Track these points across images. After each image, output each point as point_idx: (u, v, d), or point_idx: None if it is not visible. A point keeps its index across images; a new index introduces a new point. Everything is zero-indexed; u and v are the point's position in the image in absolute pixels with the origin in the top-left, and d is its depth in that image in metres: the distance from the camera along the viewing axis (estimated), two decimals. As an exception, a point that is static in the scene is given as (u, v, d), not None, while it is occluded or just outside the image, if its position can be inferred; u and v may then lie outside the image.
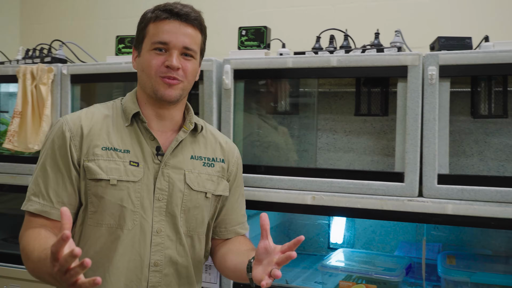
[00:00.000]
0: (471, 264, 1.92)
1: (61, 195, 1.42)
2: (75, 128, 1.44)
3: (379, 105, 1.93)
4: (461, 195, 1.71)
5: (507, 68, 1.66)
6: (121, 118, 1.50)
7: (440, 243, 2.22)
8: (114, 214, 1.41)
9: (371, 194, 1.80)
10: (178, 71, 1.43)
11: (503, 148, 1.97)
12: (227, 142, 1.66)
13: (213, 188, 1.55)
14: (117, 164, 1.43)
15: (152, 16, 1.46)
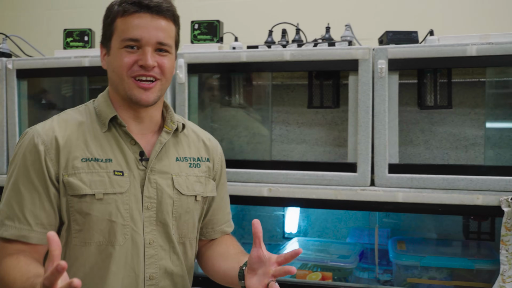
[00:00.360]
0: (420, 248, 2.01)
1: (39, 216, 1.28)
2: (49, 139, 1.30)
3: (331, 98, 1.98)
4: (411, 183, 1.78)
5: (451, 61, 1.74)
6: (97, 123, 1.36)
7: (389, 228, 2.30)
8: (103, 230, 1.29)
9: (325, 185, 1.85)
10: (154, 69, 1.31)
11: (447, 137, 2.06)
12: (210, 139, 1.56)
13: (202, 190, 1.46)
14: (101, 176, 1.30)
15: (120, 10, 1.31)
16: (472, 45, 1.71)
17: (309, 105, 2.00)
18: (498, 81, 1.91)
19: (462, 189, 1.74)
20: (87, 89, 2.19)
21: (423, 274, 1.90)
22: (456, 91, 2.02)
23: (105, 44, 1.37)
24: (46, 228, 1.28)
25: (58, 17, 2.95)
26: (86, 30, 2.18)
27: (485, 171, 1.73)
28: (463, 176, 1.74)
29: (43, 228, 1.28)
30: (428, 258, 1.90)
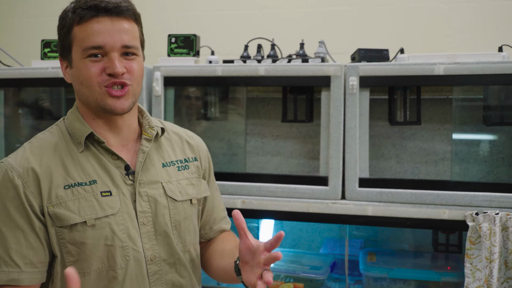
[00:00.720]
0: (390, 260, 2.05)
1: (27, 256, 1.18)
2: (25, 171, 1.19)
3: (304, 112, 2.02)
4: (380, 197, 1.83)
5: (419, 80, 1.79)
6: (72, 144, 1.26)
7: (362, 239, 2.34)
8: (101, 256, 1.21)
9: (297, 198, 1.89)
10: (124, 75, 1.20)
11: (418, 151, 2.11)
12: (192, 137, 1.48)
13: (196, 192, 1.39)
14: (88, 200, 1.21)
15: (75, 18, 1.20)
16: (439, 65, 1.76)
17: (283, 119, 2.04)
18: (464, 98, 1.96)
19: (429, 204, 1.79)
20: (64, 99, 2.19)
21: (391, 286, 1.94)
22: (426, 107, 2.07)
23: (64, 57, 1.26)
24: (37, 266, 1.20)
25: (37, 25, 2.93)
26: (64, 41, 2.19)
27: (451, 186, 1.79)
28: (430, 191, 1.79)
29: (33, 268, 1.19)
30: (397, 270, 1.94)
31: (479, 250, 1.72)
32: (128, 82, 1.21)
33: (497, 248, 1.69)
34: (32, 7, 3.00)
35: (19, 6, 3.02)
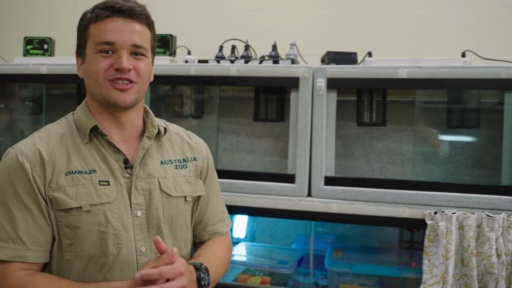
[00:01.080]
0: (355, 256, 2.07)
1: (34, 235, 1.23)
2: (33, 156, 1.25)
3: (275, 112, 2.03)
4: (344, 195, 1.85)
5: (384, 83, 1.81)
6: (78, 135, 1.30)
7: (335, 235, 2.37)
8: (94, 242, 1.24)
9: (266, 194, 1.91)
10: (130, 72, 1.25)
11: (385, 152, 2.13)
12: (192, 138, 1.50)
13: (191, 190, 1.40)
14: (86, 188, 1.25)
15: (92, 16, 1.26)
16: (403, 68, 1.78)
17: (254, 117, 2.06)
18: (428, 101, 1.98)
19: (390, 202, 1.82)
20: (45, 95, 2.21)
21: (354, 281, 1.96)
22: (394, 109, 2.09)
23: (80, 53, 1.32)
24: (42, 245, 1.24)
25: (21, 22, 2.93)
26: (46, 38, 2.21)
27: (412, 185, 1.81)
28: (392, 190, 1.81)
29: (39, 246, 1.24)
30: (359, 265, 1.96)
31: (436, 247, 1.75)
32: (134, 80, 1.26)
33: (453, 246, 1.72)
34: (14, 5, 3.00)
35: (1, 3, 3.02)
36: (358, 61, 1.96)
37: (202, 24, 2.68)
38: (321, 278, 2.13)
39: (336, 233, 2.37)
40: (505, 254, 1.69)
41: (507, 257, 1.69)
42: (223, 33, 2.32)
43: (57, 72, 2.07)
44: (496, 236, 1.68)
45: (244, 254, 2.24)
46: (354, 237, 2.34)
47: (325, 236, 2.36)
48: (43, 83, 2.15)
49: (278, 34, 2.33)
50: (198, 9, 2.73)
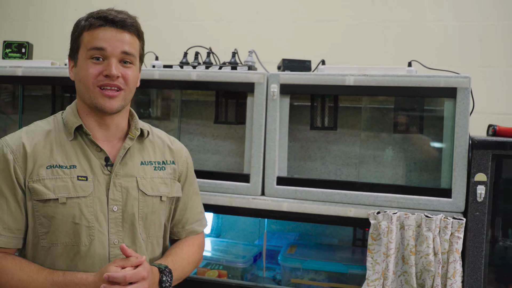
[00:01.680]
0: (307, 252, 2.08)
1: (6, 221, 1.27)
2: (17, 149, 1.29)
3: (234, 115, 2.05)
4: (295, 194, 1.87)
5: (332, 89, 1.83)
6: (64, 133, 1.35)
7: (298, 233, 2.38)
8: (68, 232, 1.28)
9: (222, 193, 1.93)
10: (118, 79, 1.30)
11: (340, 155, 2.14)
12: (174, 143, 1.55)
13: (167, 191, 1.45)
14: (64, 181, 1.29)
15: (86, 24, 1.30)
16: (350, 76, 1.80)
17: (215, 120, 2.08)
18: (375, 108, 2.00)
19: (337, 202, 1.83)
20: (21, 96, 2.23)
21: (305, 276, 1.97)
22: (349, 114, 2.10)
23: (72, 57, 1.36)
24: (14, 232, 1.29)
25: (19, 28, 2.96)
26: (24, 42, 2.23)
27: (358, 187, 1.83)
28: (338, 190, 1.83)
29: (10, 233, 1.28)
30: (309, 261, 1.97)
31: (379, 245, 1.76)
32: (122, 87, 1.31)
33: (393, 244, 1.73)
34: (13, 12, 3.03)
35: None
36: (312, 68, 1.98)
37: (174, 33, 2.71)
38: (279, 272, 2.14)
39: (299, 231, 2.38)
40: (441, 253, 1.70)
41: (443, 255, 1.70)
42: (192, 41, 2.34)
43: (32, 74, 2.09)
44: (434, 235, 1.70)
45: (209, 249, 2.25)
46: (316, 235, 2.35)
47: (289, 233, 2.38)
48: (19, 84, 2.18)
49: (241, 42, 2.35)
50: (172, 18, 2.76)
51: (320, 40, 2.55)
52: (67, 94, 2.16)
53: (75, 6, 2.87)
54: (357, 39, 2.51)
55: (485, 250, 1.71)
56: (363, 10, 2.51)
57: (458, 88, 1.71)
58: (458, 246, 1.69)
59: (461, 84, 1.71)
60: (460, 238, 1.69)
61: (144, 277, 1.23)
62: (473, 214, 1.71)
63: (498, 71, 2.35)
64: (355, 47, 2.50)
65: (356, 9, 2.52)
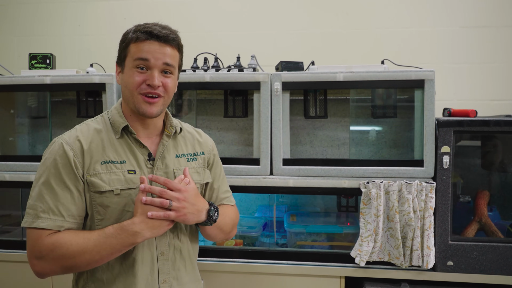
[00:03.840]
0: (306, 219, 2.14)
1: (71, 209, 1.24)
2: (76, 146, 1.26)
3: (241, 110, 2.06)
4: (298, 172, 1.91)
5: (325, 84, 1.88)
6: (111, 132, 1.32)
7: (286, 205, 2.43)
8: (120, 219, 1.26)
9: (237, 175, 1.94)
10: (159, 88, 1.27)
11: (326, 138, 2.21)
12: (201, 135, 1.52)
13: (200, 178, 1.43)
14: (117, 175, 1.27)
15: (133, 37, 1.27)
16: (340, 73, 1.86)
17: (224, 115, 2.07)
18: (358, 99, 2.07)
19: (334, 176, 1.89)
20: (49, 102, 2.13)
21: (307, 238, 2.03)
22: (332, 105, 2.17)
23: (119, 64, 1.33)
24: (76, 218, 1.25)
25: (26, 42, 2.81)
26: (48, 54, 2.12)
27: (349, 163, 1.89)
28: (334, 167, 1.89)
29: (73, 219, 1.25)
30: (311, 226, 2.03)
31: (369, 209, 1.84)
32: (162, 94, 1.28)
33: (381, 207, 1.82)
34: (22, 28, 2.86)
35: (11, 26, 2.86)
36: (304, 68, 2.02)
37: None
38: (280, 238, 2.19)
39: (287, 203, 2.43)
40: (419, 210, 1.81)
41: (420, 212, 1.81)
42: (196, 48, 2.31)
43: (59, 81, 2.00)
44: (413, 197, 1.80)
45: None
46: (302, 205, 2.41)
47: (278, 206, 2.42)
48: (47, 91, 2.07)
49: (240, 49, 2.36)
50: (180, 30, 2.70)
51: (303, 45, 2.60)
52: (90, 99, 2.08)
53: (78, 22, 2.75)
54: (332, 44, 2.57)
55: (450, 206, 1.84)
56: (331, 20, 2.58)
57: (426, 80, 1.82)
58: (431, 204, 1.80)
59: (428, 77, 1.82)
60: (432, 197, 1.80)
61: (184, 190, 1.24)
62: (440, 179, 1.83)
63: (448, 67, 2.50)
64: (329, 50, 2.57)
65: (325, 20, 2.58)
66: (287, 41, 2.60)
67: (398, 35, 2.52)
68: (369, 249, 1.84)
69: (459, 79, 2.50)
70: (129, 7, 2.71)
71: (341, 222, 2.18)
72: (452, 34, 2.50)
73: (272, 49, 2.57)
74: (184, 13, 2.69)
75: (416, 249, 1.81)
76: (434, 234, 1.83)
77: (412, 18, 2.52)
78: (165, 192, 1.22)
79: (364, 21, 2.55)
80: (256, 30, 2.62)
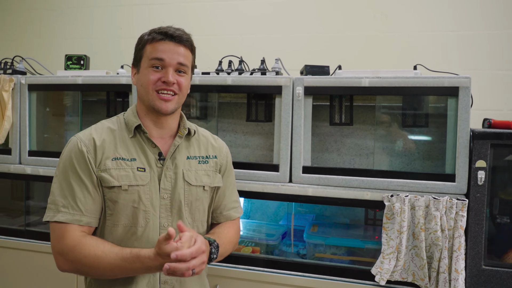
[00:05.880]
0: (328, 231, 2.03)
1: (88, 204, 1.27)
2: (89, 142, 1.30)
3: (263, 114, 2.01)
4: (318, 181, 1.82)
5: (350, 90, 1.77)
6: (125, 131, 1.36)
7: (314, 214, 2.33)
8: (128, 215, 1.29)
9: (255, 180, 1.88)
10: (174, 85, 1.30)
11: (354, 147, 2.09)
12: (216, 140, 1.53)
13: (210, 181, 1.43)
14: (126, 171, 1.29)
15: (149, 38, 1.31)
16: (365, 78, 1.74)
17: (247, 119, 2.02)
18: (386, 106, 1.94)
19: (355, 187, 1.78)
20: (80, 101, 2.20)
21: (327, 250, 1.92)
22: (362, 112, 2.05)
23: (135, 65, 1.36)
24: (93, 213, 1.28)
25: (63, 45, 2.95)
26: (82, 56, 2.20)
27: (373, 173, 1.77)
28: (356, 177, 1.78)
29: (91, 214, 1.28)
30: (331, 238, 1.92)
31: (393, 224, 1.71)
32: (176, 92, 1.31)
33: (405, 223, 1.68)
34: (56, 30, 3.01)
35: (46, 30, 3.03)
36: (330, 73, 1.92)
37: (206, 45, 2.66)
38: (302, 248, 2.10)
39: (315, 212, 2.33)
40: (447, 229, 1.65)
41: (449, 231, 1.65)
42: (222, 51, 2.29)
43: (90, 82, 2.06)
44: (441, 214, 1.64)
45: (242, 229, 2.21)
46: (330, 215, 2.30)
47: (307, 214, 2.33)
48: (79, 91, 2.14)
49: (268, 52, 2.30)
50: (202, 33, 2.71)
51: (334, 49, 2.49)
52: (119, 99, 2.12)
53: (119, 25, 2.84)
54: (365, 48, 2.44)
55: (485, 226, 1.66)
56: (368, 24, 2.45)
57: (460, 87, 1.66)
58: (462, 223, 1.64)
59: (463, 84, 1.66)
60: (463, 216, 1.63)
61: (204, 251, 1.21)
62: (474, 196, 1.66)
63: (489, 73, 2.28)
64: (364, 55, 2.44)
65: (361, 23, 2.46)
66: (320, 45, 2.50)
67: (437, 39, 2.34)
68: (390, 267, 1.70)
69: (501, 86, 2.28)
70: (169, 11, 2.75)
71: (368, 236, 2.05)
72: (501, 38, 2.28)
73: (303, 53, 2.49)
74: (217, 17, 2.68)
75: (443, 272, 1.65)
76: (465, 257, 1.66)
77: (457, 21, 2.33)
78: (191, 266, 1.16)
79: (402, 24, 2.39)
80: (287, 34, 2.55)
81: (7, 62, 2.31)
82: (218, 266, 1.89)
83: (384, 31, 2.40)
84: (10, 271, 2.21)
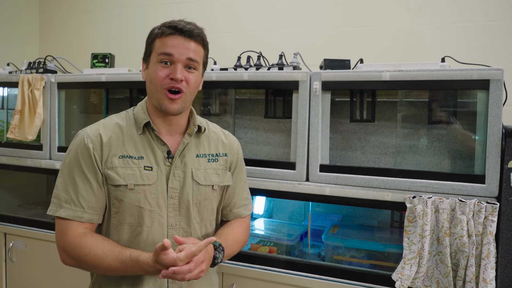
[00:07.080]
0: (349, 232, 1.93)
1: (90, 201, 1.25)
2: (96, 139, 1.27)
3: (282, 110, 1.94)
4: (336, 180, 1.73)
5: (370, 84, 1.67)
6: (134, 127, 1.31)
7: (341, 214, 2.24)
8: (133, 214, 1.26)
9: (271, 178, 1.82)
10: (182, 82, 1.24)
11: (379, 145, 1.98)
12: (227, 137, 1.47)
13: (219, 180, 1.38)
14: (133, 170, 1.26)
15: (159, 32, 1.26)
16: (386, 72, 1.63)
17: (265, 115, 1.97)
18: (412, 101, 1.81)
19: (375, 187, 1.68)
20: (105, 98, 2.24)
21: (346, 253, 1.83)
22: (387, 108, 1.94)
23: (145, 60, 1.32)
24: (96, 210, 1.27)
25: (89, 44, 3.03)
26: (107, 54, 2.23)
27: (394, 173, 1.66)
28: (376, 176, 1.67)
29: (93, 210, 1.26)
30: (350, 241, 1.83)
31: (415, 227, 1.60)
32: (184, 90, 1.24)
33: (428, 226, 1.56)
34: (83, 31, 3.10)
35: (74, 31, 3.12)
36: (351, 67, 1.83)
37: (231, 41, 2.63)
38: (323, 250, 2.02)
39: (342, 213, 2.24)
40: (475, 235, 1.51)
41: (477, 237, 1.51)
42: (246, 47, 2.25)
43: (113, 79, 2.09)
44: (468, 219, 1.51)
45: (261, 228, 2.16)
46: (357, 216, 2.20)
47: (333, 215, 2.24)
48: (103, 88, 2.18)
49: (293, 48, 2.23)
50: (228, 30, 2.68)
51: (357, 43, 2.38)
52: (142, 96, 2.14)
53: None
54: (391, 41, 2.31)
55: (519, 233, 1.50)
56: (397, 15, 2.31)
57: (491, 80, 1.51)
58: (492, 229, 1.49)
59: (494, 76, 1.51)
60: (494, 221, 1.49)
61: (203, 260, 1.18)
62: (506, 199, 1.51)
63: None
64: (389, 48, 2.31)
65: (388, 15, 2.32)
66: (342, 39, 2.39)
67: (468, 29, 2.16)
68: (411, 273, 1.59)
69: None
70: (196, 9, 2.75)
71: (391, 239, 1.93)
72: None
73: (327, 48, 2.39)
74: (249, 12, 2.64)
75: (470, 281, 1.51)
76: (496, 266, 1.52)
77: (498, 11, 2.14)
78: (187, 278, 1.15)
79: (438, 16, 2.23)
80: (314, 29, 2.46)
81: (40, 61, 2.40)
82: (235, 265, 1.85)
83: (417, 23, 2.25)
84: (49, 263, 2.30)
